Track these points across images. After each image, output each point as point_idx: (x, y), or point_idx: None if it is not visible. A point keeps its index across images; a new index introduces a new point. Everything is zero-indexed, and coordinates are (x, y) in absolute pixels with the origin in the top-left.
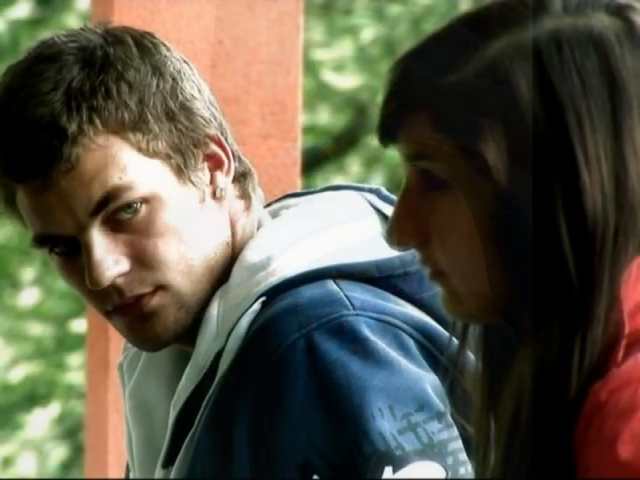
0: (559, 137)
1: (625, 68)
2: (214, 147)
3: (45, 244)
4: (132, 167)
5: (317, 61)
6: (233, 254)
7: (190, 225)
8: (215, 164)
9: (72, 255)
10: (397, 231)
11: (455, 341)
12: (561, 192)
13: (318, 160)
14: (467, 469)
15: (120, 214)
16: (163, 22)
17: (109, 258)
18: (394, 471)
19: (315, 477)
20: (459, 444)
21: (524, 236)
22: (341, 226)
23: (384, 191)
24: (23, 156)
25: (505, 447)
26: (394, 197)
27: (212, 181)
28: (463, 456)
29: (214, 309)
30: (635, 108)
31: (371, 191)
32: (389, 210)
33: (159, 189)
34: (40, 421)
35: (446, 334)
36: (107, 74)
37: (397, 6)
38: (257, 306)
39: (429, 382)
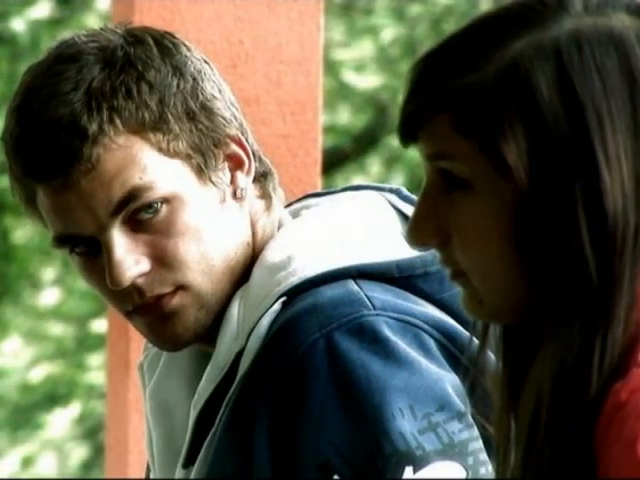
0: (579, 137)
1: None
2: (234, 147)
3: (65, 244)
4: (152, 167)
5: (337, 61)
6: (254, 254)
7: (211, 225)
8: (235, 164)
9: (92, 255)
10: (417, 231)
11: (476, 341)
12: (581, 192)
13: (338, 160)
14: (488, 469)
15: (140, 214)
16: (183, 22)
17: (130, 258)
18: (415, 471)
19: (335, 477)
20: (479, 444)
21: (544, 236)
22: (361, 226)
23: (404, 191)
24: (43, 156)
25: (525, 447)
26: (414, 197)
27: (233, 181)
28: (484, 456)
29: (235, 309)
30: None
31: (391, 191)
32: (409, 210)
33: (179, 189)
34: (60, 421)
35: (467, 334)
36: (128, 74)
37: (417, 6)
38: (277, 306)
39: (449, 382)
